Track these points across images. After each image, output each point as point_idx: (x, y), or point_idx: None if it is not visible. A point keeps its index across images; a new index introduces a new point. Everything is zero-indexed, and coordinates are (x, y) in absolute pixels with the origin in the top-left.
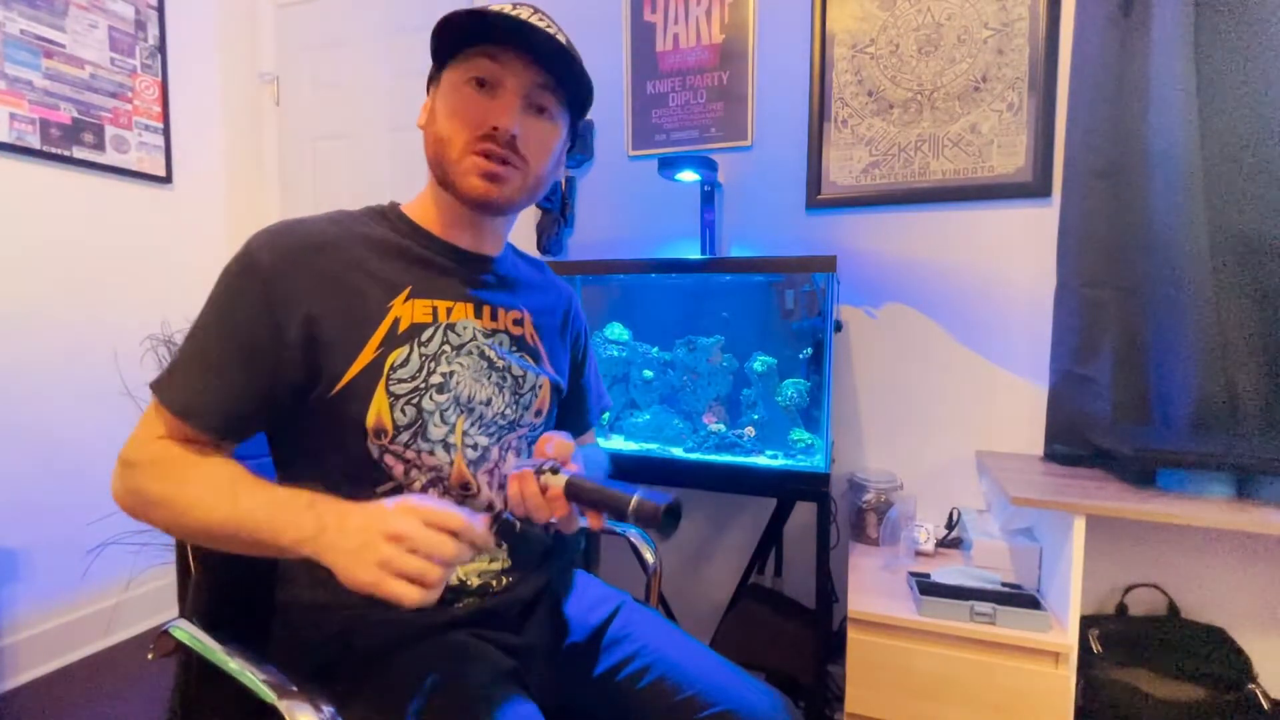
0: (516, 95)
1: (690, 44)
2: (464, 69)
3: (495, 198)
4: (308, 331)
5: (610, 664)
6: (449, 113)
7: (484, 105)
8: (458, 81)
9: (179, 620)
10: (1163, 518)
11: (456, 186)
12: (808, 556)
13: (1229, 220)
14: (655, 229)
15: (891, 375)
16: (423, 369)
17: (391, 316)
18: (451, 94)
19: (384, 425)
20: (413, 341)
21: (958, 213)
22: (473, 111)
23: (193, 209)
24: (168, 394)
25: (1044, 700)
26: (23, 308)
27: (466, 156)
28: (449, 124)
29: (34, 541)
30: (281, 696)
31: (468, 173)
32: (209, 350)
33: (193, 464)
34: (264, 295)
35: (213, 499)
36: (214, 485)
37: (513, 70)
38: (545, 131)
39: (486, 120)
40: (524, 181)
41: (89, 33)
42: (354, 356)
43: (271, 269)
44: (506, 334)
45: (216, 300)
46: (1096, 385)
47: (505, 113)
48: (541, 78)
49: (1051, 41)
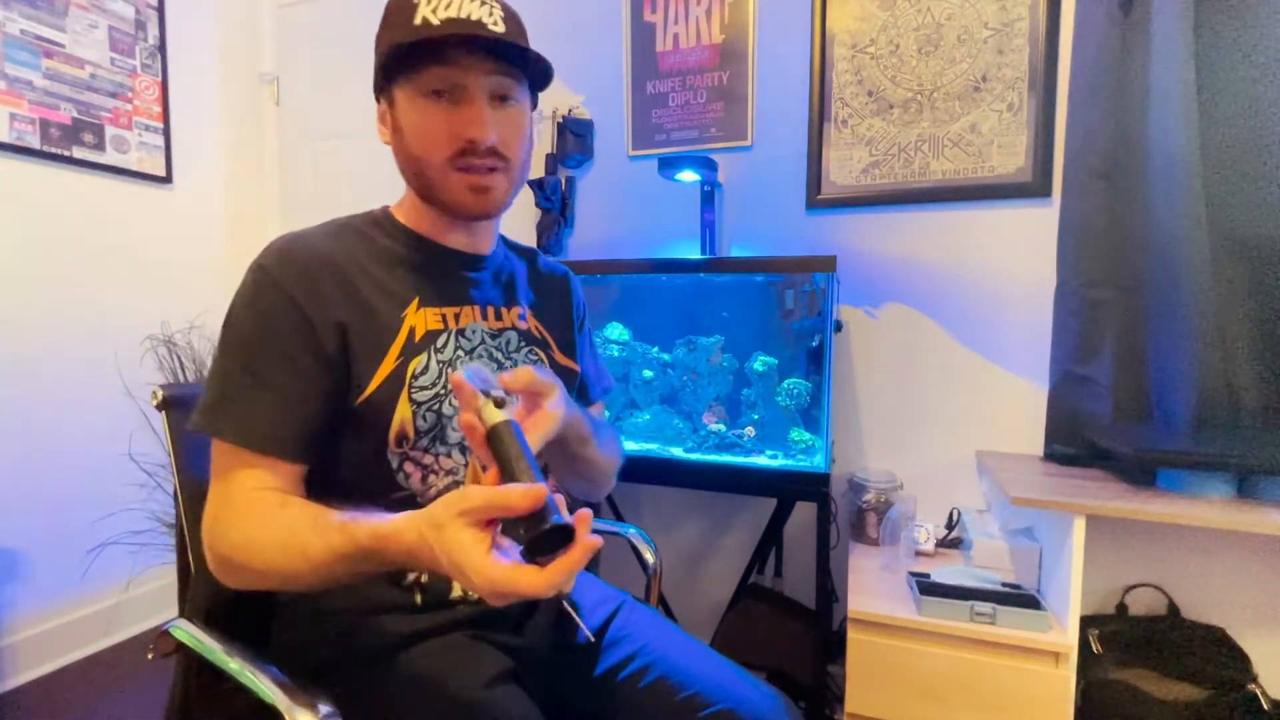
0: (481, 98)
1: (690, 44)
2: (417, 82)
3: (488, 207)
4: (340, 339)
5: (611, 664)
6: (417, 131)
7: (452, 118)
8: (415, 95)
9: (179, 620)
10: (1163, 518)
11: (445, 203)
12: (808, 556)
13: (1229, 220)
14: (655, 229)
15: (891, 375)
16: (441, 375)
17: (407, 326)
18: (413, 110)
19: (406, 433)
20: (430, 349)
21: (958, 213)
22: (442, 127)
23: (193, 209)
24: (236, 431)
25: (1044, 700)
26: (23, 308)
27: (450, 175)
28: (421, 143)
29: (34, 541)
30: (281, 697)
31: (456, 190)
32: (260, 372)
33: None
34: (295, 305)
35: (284, 557)
36: (282, 542)
37: (469, 73)
38: (515, 118)
39: (460, 134)
40: (510, 180)
41: (89, 33)
42: (376, 367)
43: (294, 281)
44: (514, 330)
45: (242, 324)
46: (1096, 385)
47: (476, 122)
48: (497, 67)
49: (1051, 41)
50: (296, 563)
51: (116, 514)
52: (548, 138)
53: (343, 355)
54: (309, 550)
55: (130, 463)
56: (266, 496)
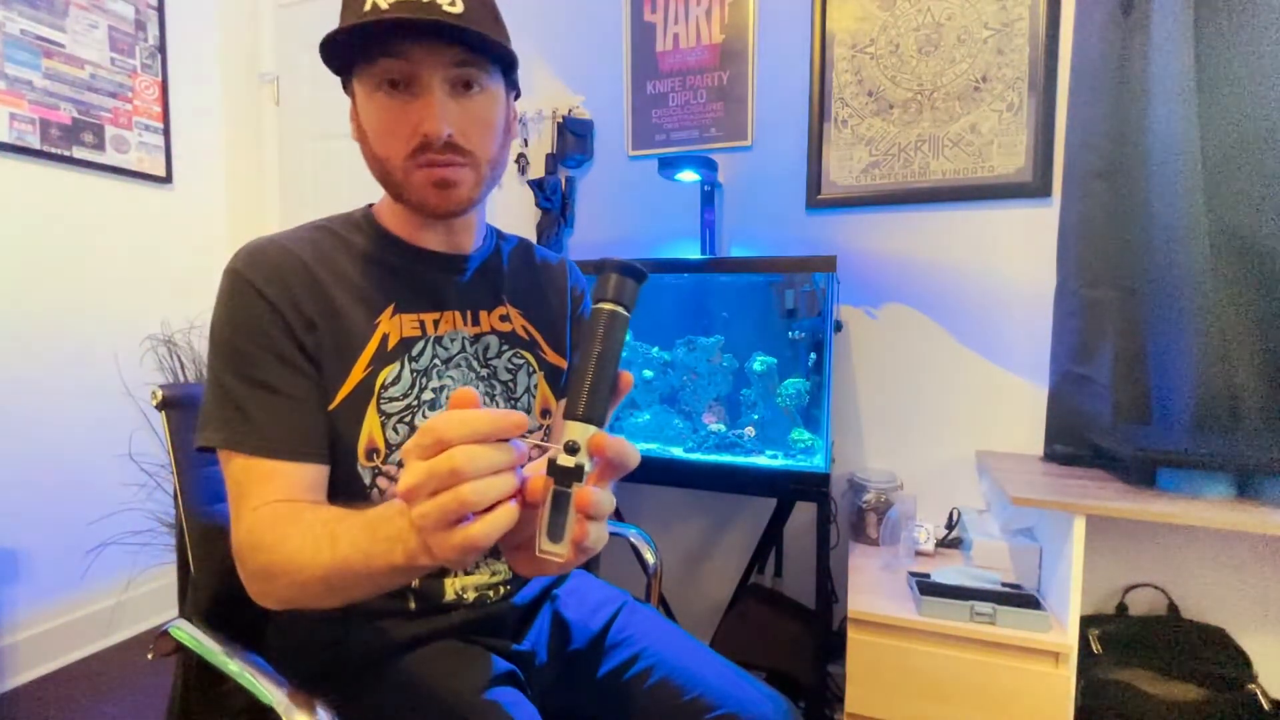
0: (434, 88)
1: (690, 44)
2: (370, 73)
3: (453, 204)
4: (314, 339)
5: (613, 665)
6: (374, 128)
7: (405, 111)
8: (370, 89)
9: (179, 620)
10: (1163, 518)
11: (411, 202)
12: (808, 556)
13: (1229, 220)
14: (655, 229)
15: (891, 375)
16: (414, 385)
17: (380, 333)
18: (368, 105)
19: (376, 445)
20: (404, 358)
21: (958, 213)
22: (396, 122)
23: (193, 209)
24: (255, 444)
25: (1044, 700)
26: (22, 307)
27: (411, 173)
28: (379, 141)
29: (34, 541)
30: (280, 697)
31: (418, 187)
32: (261, 379)
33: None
34: (272, 306)
35: (313, 549)
36: (313, 535)
37: (420, 61)
38: (480, 108)
39: (414, 129)
40: (478, 175)
41: (89, 33)
42: (344, 376)
43: (266, 281)
44: (494, 334)
45: (227, 332)
46: (1096, 385)
47: (429, 115)
48: (455, 55)
49: (1051, 41)
50: (324, 557)
51: (116, 514)
52: (548, 138)
53: (317, 357)
54: (338, 540)
55: (130, 463)
56: (296, 503)
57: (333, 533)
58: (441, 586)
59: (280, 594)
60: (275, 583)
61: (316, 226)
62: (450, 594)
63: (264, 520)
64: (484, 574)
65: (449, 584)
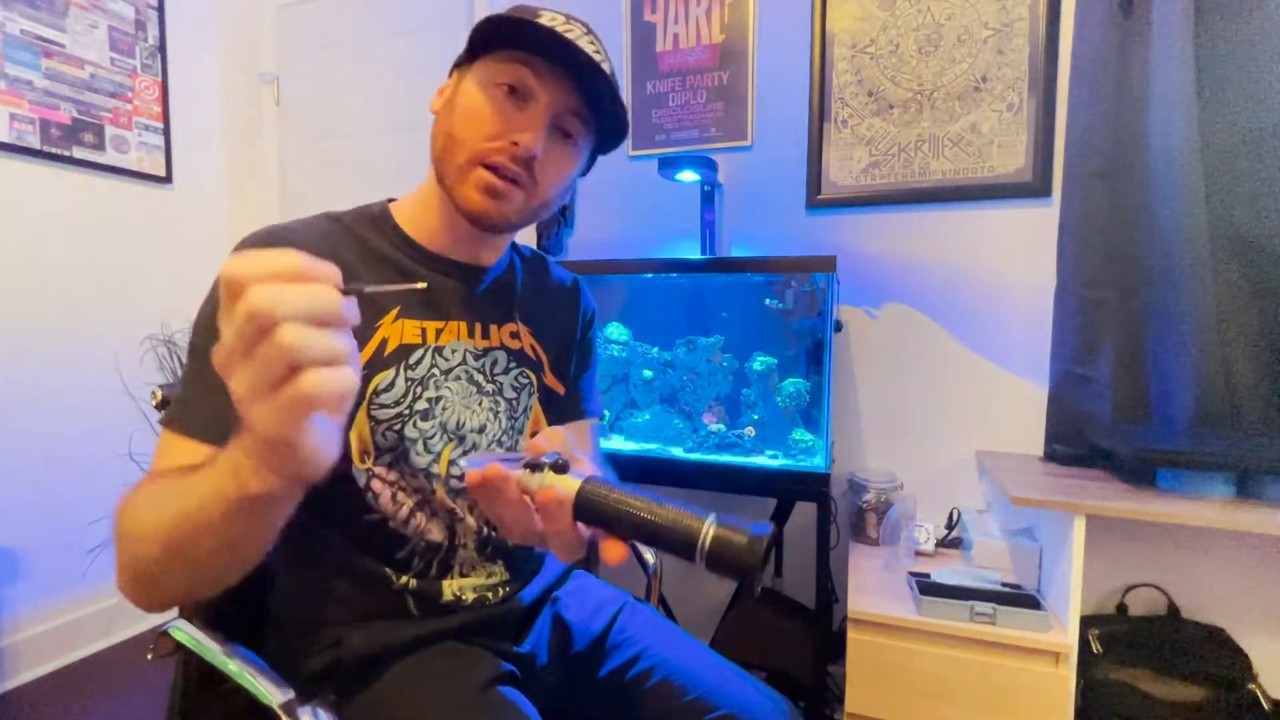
0: (546, 113)
1: (690, 44)
2: (498, 70)
3: (493, 215)
4: None
5: (614, 666)
6: (469, 112)
7: (510, 116)
8: (488, 82)
9: (179, 620)
10: (1163, 518)
11: (454, 193)
12: (808, 556)
13: (1229, 220)
14: (655, 229)
15: (891, 375)
16: (408, 394)
17: (379, 337)
18: (477, 93)
19: (366, 448)
20: (400, 364)
21: (958, 213)
22: (496, 119)
23: (193, 209)
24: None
25: (1044, 700)
26: (22, 307)
27: (474, 166)
28: (465, 124)
29: (34, 541)
30: (280, 698)
31: (470, 183)
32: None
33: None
34: None
35: (151, 505)
36: (154, 494)
37: (549, 87)
38: (565, 158)
39: (508, 132)
40: (527, 203)
41: (89, 33)
42: None
43: None
44: (503, 350)
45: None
46: (1096, 385)
47: (530, 129)
48: (576, 101)
49: (1051, 41)
50: (161, 511)
51: None
52: None
53: None
54: (173, 492)
55: (130, 463)
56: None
57: (170, 488)
58: (439, 588)
59: (129, 569)
60: (122, 558)
61: (329, 217)
62: (449, 595)
63: (137, 487)
64: (481, 575)
65: (446, 585)
